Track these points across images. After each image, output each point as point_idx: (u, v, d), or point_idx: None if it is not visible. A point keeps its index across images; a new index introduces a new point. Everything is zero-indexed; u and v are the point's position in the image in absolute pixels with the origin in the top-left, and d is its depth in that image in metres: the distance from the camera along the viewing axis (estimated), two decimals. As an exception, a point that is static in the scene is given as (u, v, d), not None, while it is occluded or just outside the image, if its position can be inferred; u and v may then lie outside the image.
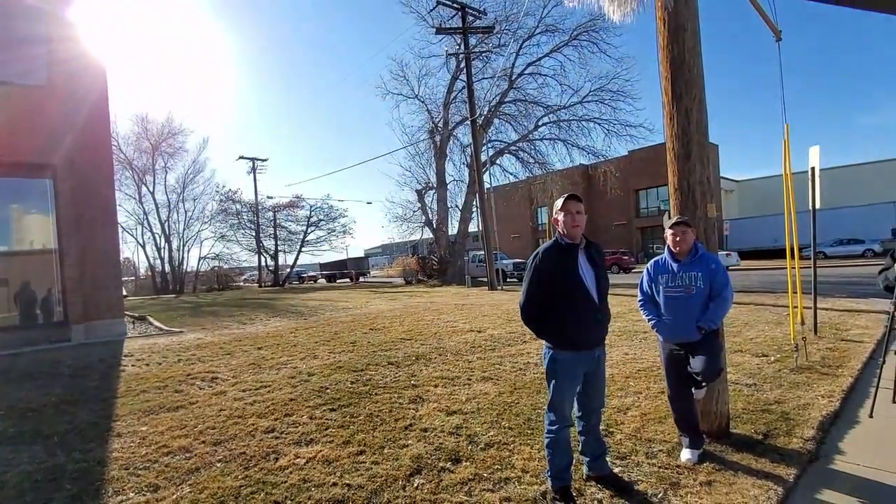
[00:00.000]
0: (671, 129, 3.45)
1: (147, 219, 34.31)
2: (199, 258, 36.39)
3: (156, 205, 34.04)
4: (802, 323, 5.93)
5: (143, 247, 35.83)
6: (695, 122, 3.37)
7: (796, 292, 5.50)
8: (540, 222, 44.09)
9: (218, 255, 36.41)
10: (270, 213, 36.47)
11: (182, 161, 35.28)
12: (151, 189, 33.83)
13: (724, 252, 24.45)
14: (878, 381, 3.77)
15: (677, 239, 3.04)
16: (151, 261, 36.28)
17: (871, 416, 3.60)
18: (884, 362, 3.88)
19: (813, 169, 6.27)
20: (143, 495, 2.80)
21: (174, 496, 2.77)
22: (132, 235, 35.57)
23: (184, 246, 35.24)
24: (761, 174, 42.53)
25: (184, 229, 35.14)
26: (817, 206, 6.30)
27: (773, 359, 5.34)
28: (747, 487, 2.65)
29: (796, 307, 5.52)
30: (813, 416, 3.61)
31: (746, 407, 3.86)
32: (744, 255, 28.19)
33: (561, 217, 2.56)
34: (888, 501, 2.49)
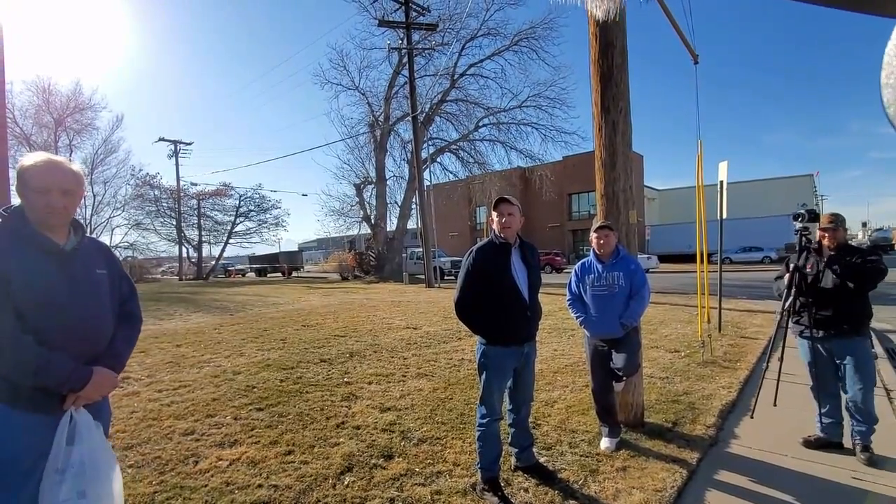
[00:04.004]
0: (599, 139, 3.65)
1: (47, 202, 30.77)
2: (110, 247, 33.18)
3: (58, 187, 30.58)
4: (709, 322, 6.52)
5: (42, 233, 32.16)
6: (621, 134, 3.60)
7: (704, 294, 6.05)
8: (479, 221, 44.92)
9: (132, 245, 33.33)
10: (194, 201, 34.01)
11: (91, 140, 31.72)
12: (53, 169, 30.34)
13: (646, 255, 26.28)
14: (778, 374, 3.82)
15: (601, 242, 3.24)
16: (52, 249, 32.66)
17: (774, 405, 3.69)
18: (781, 358, 3.95)
19: (721, 182, 6.91)
20: (39, 507, 2.54)
21: (76, 507, 2.54)
22: (28, 220, 31.83)
23: (91, 233, 31.82)
24: (681, 184, 46.26)
25: (91, 215, 31.77)
26: (724, 215, 6.95)
27: (683, 354, 5.83)
28: (657, 471, 2.88)
29: (704, 307, 6.08)
30: (714, 406, 4.00)
31: (659, 398, 4.19)
32: (663, 258, 30.48)
33: (494, 217, 2.68)
34: (770, 477, 2.82)
